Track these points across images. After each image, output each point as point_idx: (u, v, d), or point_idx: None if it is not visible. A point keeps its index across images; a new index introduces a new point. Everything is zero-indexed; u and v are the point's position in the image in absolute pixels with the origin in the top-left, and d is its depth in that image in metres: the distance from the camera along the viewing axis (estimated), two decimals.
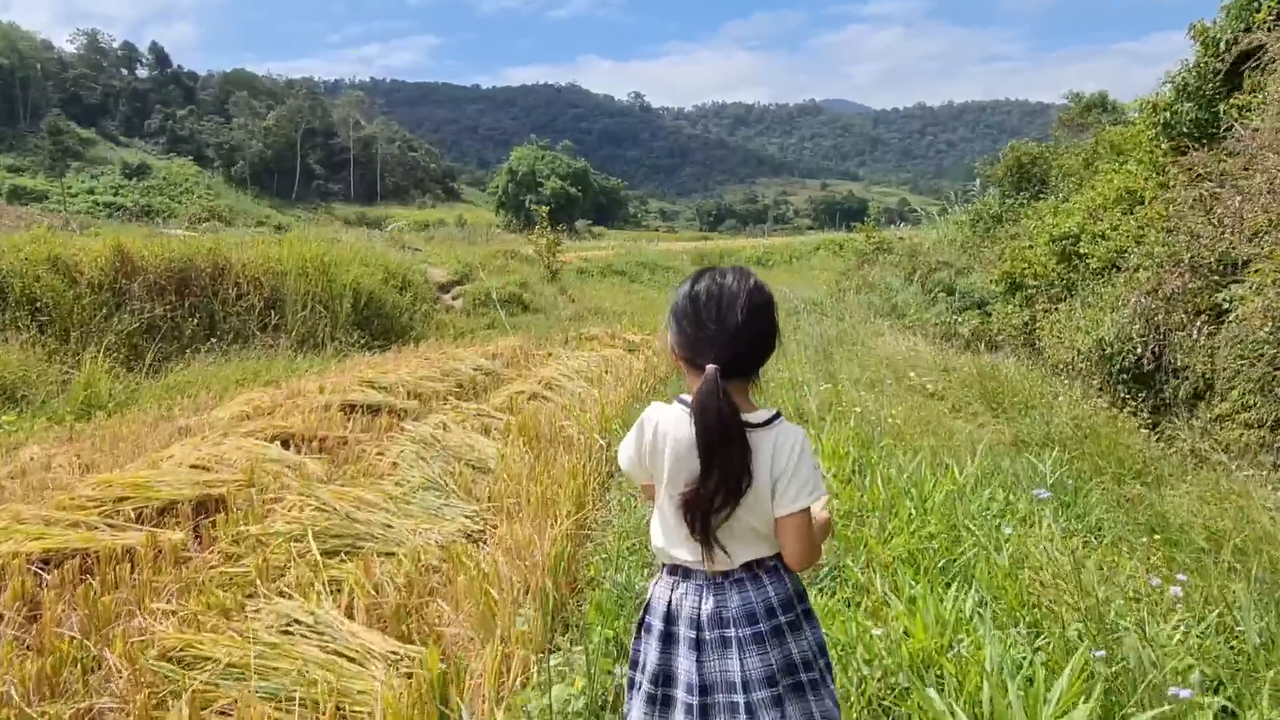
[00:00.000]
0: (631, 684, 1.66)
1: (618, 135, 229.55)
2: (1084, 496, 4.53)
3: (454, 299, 13.13)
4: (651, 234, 71.40)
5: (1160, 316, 8.63)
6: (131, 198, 73.74)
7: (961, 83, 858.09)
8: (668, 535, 1.60)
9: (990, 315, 16.41)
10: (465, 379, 7.30)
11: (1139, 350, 8.62)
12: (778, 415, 1.55)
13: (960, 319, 15.76)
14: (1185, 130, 9.73)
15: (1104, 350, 9.16)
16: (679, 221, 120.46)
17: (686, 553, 1.57)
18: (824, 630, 1.77)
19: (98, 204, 71.03)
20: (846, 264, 20.53)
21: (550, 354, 8.55)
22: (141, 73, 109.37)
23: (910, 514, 3.58)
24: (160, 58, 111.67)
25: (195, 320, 8.78)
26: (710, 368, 1.47)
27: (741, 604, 1.55)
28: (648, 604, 1.66)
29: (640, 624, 1.67)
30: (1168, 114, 9.91)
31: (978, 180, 27.92)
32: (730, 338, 1.49)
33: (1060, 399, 7.06)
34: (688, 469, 1.51)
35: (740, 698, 1.51)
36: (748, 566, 1.57)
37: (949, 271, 19.98)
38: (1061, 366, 9.97)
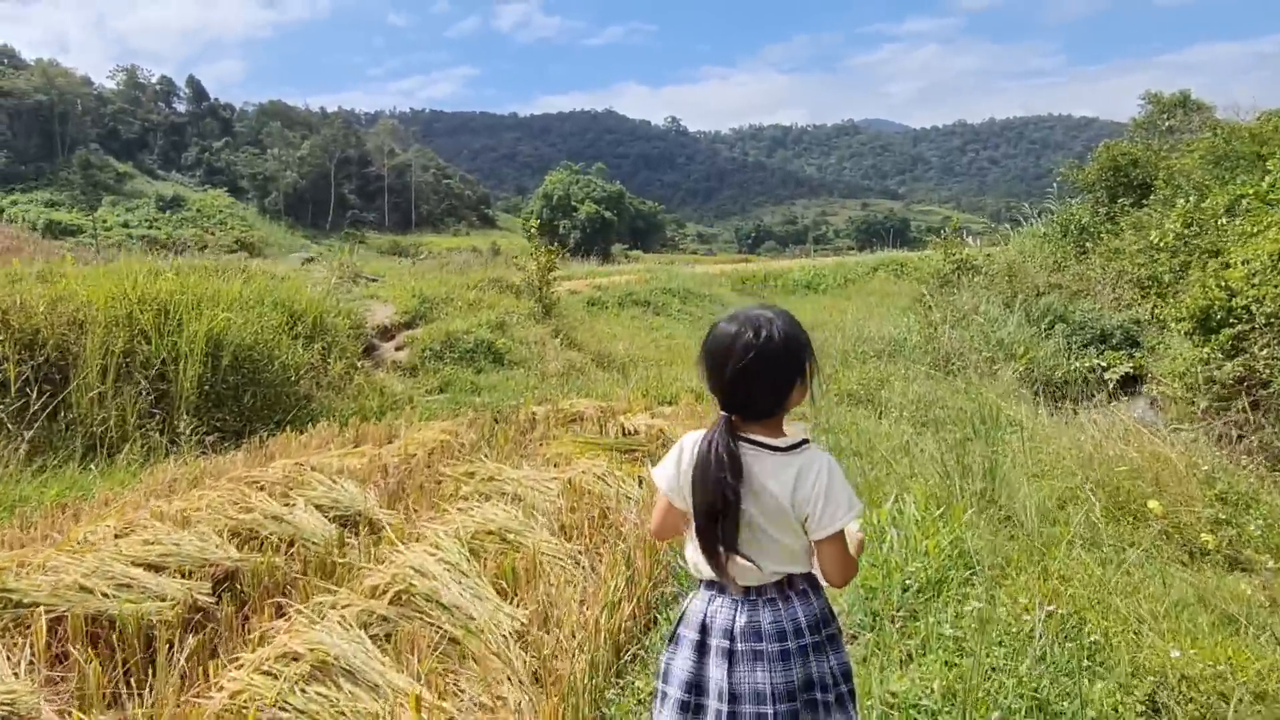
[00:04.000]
0: (660, 695, 1.70)
1: (654, 160, 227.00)
2: None
3: (397, 349, 9.39)
4: (688, 256, 67.61)
5: None
6: (166, 230, 73.56)
7: (1001, 99, 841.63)
8: (698, 554, 1.64)
9: (1134, 355, 12.25)
10: (258, 558, 3.51)
11: None
12: (805, 441, 1.59)
13: (1103, 363, 11.53)
14: None
15: None
16: (717, 244, 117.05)
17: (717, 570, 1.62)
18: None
19: (131, 236, 70.72)
20: (930, 285, 16.38)
21: (473, 473, 4.68)
22: (180, 107, 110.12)
23: None
24: (198, 92, 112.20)
25: None
26: (721, 416, 1.58)
27: (773, 621, 1.61)
28: (682, 616, 1.70)
29: (673, 636, 1.71)
30: None
31: (1055, 187, 24.65)
32: (731, 385, 1.56)
33: None
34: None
35: (768, 709, 1.58)
36: (779, 586, 1.64)
37: (1060, 295, 15.87)
38: None
